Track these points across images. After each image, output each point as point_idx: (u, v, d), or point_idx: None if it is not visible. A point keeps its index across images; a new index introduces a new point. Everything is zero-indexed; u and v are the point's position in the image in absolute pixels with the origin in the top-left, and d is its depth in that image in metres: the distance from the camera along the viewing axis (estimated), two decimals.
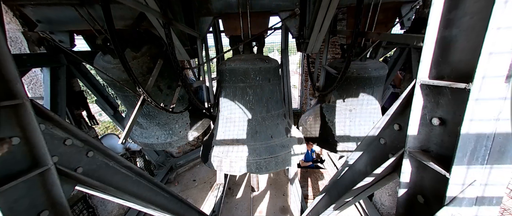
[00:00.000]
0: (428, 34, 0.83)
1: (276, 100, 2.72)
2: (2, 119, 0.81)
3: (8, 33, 2.79)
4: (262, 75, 2.54)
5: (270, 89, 2.63)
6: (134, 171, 1.49)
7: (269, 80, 2.62)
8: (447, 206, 0.84)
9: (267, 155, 2.43)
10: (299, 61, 7.53)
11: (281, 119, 2.73)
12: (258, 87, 2.53)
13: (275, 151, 2.49)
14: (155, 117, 2.95)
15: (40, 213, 0.94)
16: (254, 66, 2.46)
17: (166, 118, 3.00)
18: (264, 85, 2.58)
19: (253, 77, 2.49)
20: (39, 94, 3.23)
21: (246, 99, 2.54)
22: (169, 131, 3.07)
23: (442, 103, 0.84)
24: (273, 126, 2.61)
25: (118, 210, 3.94)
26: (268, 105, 2.61)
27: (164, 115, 2.94)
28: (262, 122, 2.56)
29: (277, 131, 2.61)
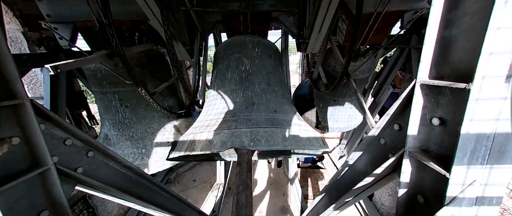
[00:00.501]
0: (428, 34, 0.83)
1: (280, 80, 2.27)
2: (2, 119, 0.81)
3: (8, 33, 2.79)
4: (262, 48, 2.21)
5: (271, 65, 2.24)
6: (134, 171, 1.49)
7: (269, 55, 2.28)
8: (447, 206, 0.84)
9: (269, 125, 1.67)
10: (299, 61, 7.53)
11: (285, 97, 2.17)
12: (256, 58, 2.15)
13: (281, 124, 1.74)
14: (130, 128, 2.47)
15: (40, 213, 0.93)
16: (252, 39, 2.22)
17: (143, 130, 2.48)
18: (264, 58, 2.21)
19: (250, 47, 2.17)
20: (39, 94, 3.22)
21: (241, 68, 2.08)
22: (142, 149, 2.48)
23: (442, 103, 0.84)
24: (276, 102, 1.98)
25: (118, 210, 3.94)
26: (270, 80, 2.12)
27: (142, 126, 2.50)
28: (261, 94, 1.96)
29: (283, 109, 1.95)
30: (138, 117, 2.51)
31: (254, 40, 2.22)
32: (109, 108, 2.46)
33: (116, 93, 2.39)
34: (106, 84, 2.34)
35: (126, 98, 2.42)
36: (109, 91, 2.38)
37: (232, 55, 2.18)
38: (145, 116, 2.57)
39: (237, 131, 1.60)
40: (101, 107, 2.55)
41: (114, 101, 2.42)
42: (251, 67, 2.10)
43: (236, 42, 2.21)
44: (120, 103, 2.43)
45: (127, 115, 2.48)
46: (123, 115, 2.47)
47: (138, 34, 2.33)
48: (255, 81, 2.05)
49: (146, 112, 2.56)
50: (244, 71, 2.08)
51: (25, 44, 2.87)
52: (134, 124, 2.52)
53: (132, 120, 2.50)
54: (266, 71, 2.16)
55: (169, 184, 5.50)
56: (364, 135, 5.06)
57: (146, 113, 2.57)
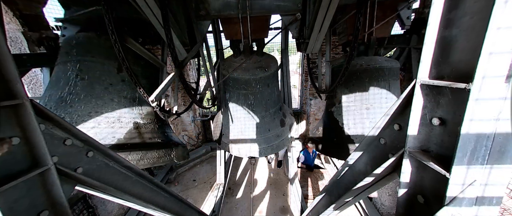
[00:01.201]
0: (428, 34, 0.83)
1: (274, 100, 3.08)
2: (2, 119, 0.81)
3: (8, 33, 2.80)
4: (262, 83, 2.87)
5: (268, 93, 2.98)
6: (134, 171, 1.49)
7: (268, 85, 2.93)
8: (447, 206, 0.84)
9: (266, 145, 3.09)
10: (299, 61, 7.53)
11: (277, 113, 3.18)
12: (258, 93, 2.90)
13: (271, 141, 3.12)
14: (69, 107, 2.07)
15: (40, 213, 0.93)
16: (255, 77, 2.76)
17: (86, 113, 2.06)
18: (264, 90, 2.92)
19: (253, 85, 2.82)
20: (39, 94, 3.23)
21: (249, 103, 2.96)
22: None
23: (442, 103, 0.84)
24: (270, 121, 3.09)
25: (118, 210, 3.94)
26: (267, 105, 3.01)
27: (87, 107, 2.11)
28: (262, 119, 3.04)
29: (273, 125, 3.13)
30: (88, 94, 2.04)
31: (256, 78, 2.78)
32: (58, 81, 2.06)
33: (78, 62, 2.05)
34: (75, 52, 2.08)
35: (88, 69, 2.08)
36: (73, 60, 2.06)
37: (240, 91, 2.92)
38: (100, 97, 2.10)
39: (251, 149, 3.08)
40: (50, 84, 2.18)
41: (70, 72, 2.03)
42: (255, 101, 2.96)
43: (242, 80, 2.80)
44: (76, 74, 2.03)
45: (76, 89, 2.02)
46: (70, 89, 2.00)
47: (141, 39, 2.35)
48: (257, 111, 3.00)
49: (105, 92, 2.12)
50: (250, 105, 2.98)
51: (25, 44, 2.87)
52: (77, 103, 2.01)
53: (79, 97, 2.03)
54: (264, 100, 2.99)
55: (169, 184, 5.50)
56: None
57: (104, 93, 2.12)
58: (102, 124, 2.09)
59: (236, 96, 2.98)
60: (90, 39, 2.22)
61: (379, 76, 2.71)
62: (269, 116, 3.04)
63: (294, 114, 6.75)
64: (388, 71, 2.72)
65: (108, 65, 2.22)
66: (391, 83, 2.75)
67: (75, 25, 2.44)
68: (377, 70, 2.71)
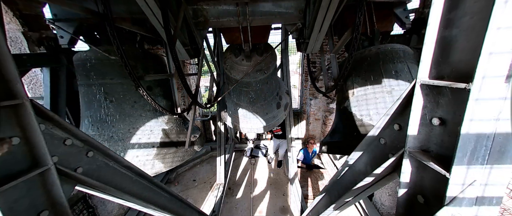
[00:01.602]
0: (428, 34, 0.83)
1: (271, 91, 3.42)
2: (2, 119, 0.81)
3: (8, 33, 2.80)
4: (262, 82, 3.04)
5: (267, 88, 3.28)
6: (134, 171, 1.49)
7: (266, 83, 3.15)
8: (447, 206, 0.84)
9: (265, 124, 3.62)
10: (299, 61, 7.53)
11: (274, 100, 3.58)
12: (258, 90, 3.16)
13: (269, 121, 3.65)
14: (111, 127, 2.32)
15: (40, 213, 0.93)
16: (255, 79, 2.93)
17: (126, 130, 2.36)
18: (263, 87, 3.17)
19: (254, 85, 3.03)
20: (39, 94, 3.23)
21: (249, 97, 3.27)
22: (121, 153, 2.39)
23: (442, 103, 0.84)
24: (268, 107, 3.53)
25: (118, 210, 3.94)
26: (266, 96, 3.37)
27: (125, 126, 2.38)
28: (261, 107, 3.44)
29: (270, 109, 3.59)
30: (122, 115, 2.29)
31: (256, 81, 2.90)
32: (92, 103, 2.26)
33: (102, 86, 2.21)
34: (94, 75, 2.19)
35: (112, 91, 2.24)
36: (95, 83, 2.20)
37: (242, 88, 3.14)
38: (131, 115, 2.34)
39: (252, 128, 3.68)
40: (84, 103, 2.35)
41: (99, 95, 2.21)
42: (255, 95, 3.20)
43: (243, 82, 2.94)
44: (105, 97, 2.21)
45: (110, 111, 2.25)
46: (106, 112, 2.24)
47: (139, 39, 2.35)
48: (257, 102, 3.32)
49: (133, 110, 2.34)
50: (250, 98, 3.28)
51: (25, 44, 2.87)
52: (117, 123, 2.27)
53: (115, 117, 2.27)
54: (263, 94, 3.28)
55: (169, 184, 5.50)
56: None
57: (132, 111, 2.34)
58: (142, 138, 2.41)
59: (238, 92, 3.34)
60: (102, 61, 2.25)
61: (394, 57, 2.42)
62: (267, 103, 3.50)
63: (294, 114, 6.76)
64: (403, 53, 2.46)
65: (127, 84, 2.30)
66: (410, 66, 2.42)
67: (70, 24, 2.41)
68: (390, 52, 2.42)
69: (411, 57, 2.58)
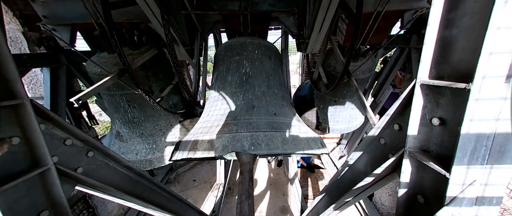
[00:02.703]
0: (428, 34, 0.83)
1: (280, 82, 2.30)
2: (2, 119, 0.81)
3: (8, 33, 2.80)
4: (262, 50, 2.24)
5: (271, 67, 2.25)
6: (134, 171, 1.49)
7: (270, 57, 2.30)
8: (447, 206, 0.84)
9: (269, 129, 1.71)
10: (299, 61, 7.53)
11: (285, 100, 2.21)
12: (256, 60, 2.18)
13: (280, 127, 1.77)
14: (140, 126, 2.68)
15: (40, 213, 0.93)
16: (252, 40, 2.23)
17: (152, 127, 2.72)
18: (264, 60, 2.23)
19: (251, 50, 2.19)
20: (39, 94, 3.23)
21: (242, 71, 2.11)
22: (153, 145, 2.71)
23: (442, 103, 0.84)
24: (276, 104, 2.03)
25: (118, 210, 3.94)
26: (270, 82, 2.14)
27: (150, 124, 2.71)
28: (262, 97, 2.00)
29: (282, 112, 1.98)
30: (146, 116, 2.64)
31: (254, 42, 2.24)
32: (118, 108, 2.58)
33: (123, 95, 2.50)
34: (113, 87, 2.40)
35: (133, 99, 2.54)
36: (117, 94, 2.47)
37: (233, 58, 2.20)
38: (152, 115, 2.69)
39: (238, 135, 1.64)
40: (110, 108, 2.66)
41: (122, 103, 2.53)
42: (251, 70, 2.13)
43: (236, 44, 2.23)
44: (128, 104, 2.55)
45: (136, 114, 2.62)
46: (132, 115, 2.61)
47: (137, 34, 2.33)
48: (255, 83, 2.07)
49: (153, 111, 2.69)
50: (244, 74, 2.10)
51: (25, 44, 2.87)
52: (143, 123, 2.67)
53: (141, 119, 2.64)
54: (266, 73, 2.18)
55: (169, 184, 5.50)
56: (364, 135, 5.06)
57: (153, 112, 2.69)
58: (167, 132, 2.79)
59: (225, 66, 2.24)
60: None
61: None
62: (272, 95, 2.09)
63: None
64: (360, 81, 3.13)
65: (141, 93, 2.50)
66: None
67: (65, 26, 2.42)
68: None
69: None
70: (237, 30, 2.64)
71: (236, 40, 2.36)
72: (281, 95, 2.18)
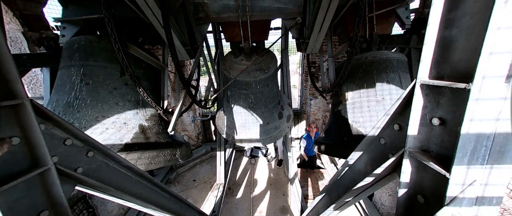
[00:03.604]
0: (428, 34, 0.83)
1: (273, 97, 3.28)
2: (2, 119, 0.81)
3: (8, 33, 2.80)
4: (262, 83, 2.95)
5: (268, 91, 3.11)
6: (134, 171, 1.49)
7: (267, 85, 3.04)
8: (447, 206, 0.84)
9: (265, 136, 3.34)
10: (299, 61, 7.53)
11: (275, 108, 3.40)
12: (258, 92, 3.04)
13: (270, 133, 3.37)
14: (76, 112, 2.10)
15: (40, 213, 0.93)
16: (255, 79, 2.85)
17: (93, 117, 2.10)
18: (263, 90, 3.04)
19: (254, 86, 2.94)
20: (39, 94, 3.23)
21: (249, 101, 3.14)
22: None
23: (442, 103, 0.84)
24: (269, 115, 3.32)
25: (118, 210, 3.94)
26: (266, 102, 3.22)
27: (94, 112, 2.13)
28: (261, 115, 3.27)
29: (272, 118, 3.37)
30: (94, 100, 2.10)
31: (256, 80, 2.89)
32: (64, 85, 2.11)
33: (82, 67, 2.10)
34: (78, 56, 2.10)
35: (92, 73, 2.12)
36: (76, 65, 2.09)
37: (241, 91, 3.06)
38: (105, 101, 2.14)
39: (252, 140, 3.34)
40: (56, 88, 2.19)
41: (75, 76, 2.07)
42: (255, 99, 3.12)
43: (243, 82, 2.92)
44: (81, 79, 2.08)
45: (82, 95, 2.06)
46: (76, 95, 2.05)
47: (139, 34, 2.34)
48: (257, 108, 3.19)
49: (109, 96, 2.16)
50: (250, 103, 3.15)
51: (25, 44, 2.87)
52: (84, 108, 2.06)
53: (85, 102, 2.07)
54: (264, 98, 3.15)
55: (169, 184, 5.50)
56: None
57: (109, 98, 2.16)
58: (110, 128, 2.12)
59: (237, 95, 3.19)
60: (91, 43, 2.20)
61: (387, 67, 2.57)
62: (268, 111, 3.29)
63: (294, 114, 6.76)
64: (397, 62, 2.58)
65: (111, 69, 2.21)
66: (401, 75, 2.56)
67: (74, 25, 2.43)
68: (385, 61, 2.57)
69: (405, 65, 2.69)
70: (236, 36, 2.65)
71: (242, 78, 2.87)
72: (273, 106, 3.33)
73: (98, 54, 2.19)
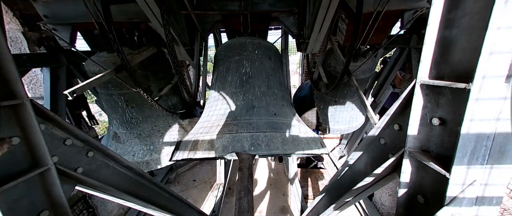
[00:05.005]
0: (428, 34, 0.83)
1: (280, 82, 2.33)
2: (2, 119, 0.81)
3: (8, 33, 2.80)
4: (262, 50, 2.25)
5: (271, 67, 2.27)
6: (134, 171, 1.49)
7: (270, 57, 2.32)
8: (447, 206, 0.84)
9: (269, 129, 1.73)
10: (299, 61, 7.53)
11: (285, 100, 2.24)
12: (257, 60, 2.19)
13: (280, 128, 1.80)
14: (137, 126, 2.62)
15: (40, 213, 0.93)
16: (252, 40, 2.25)
17: (150, 128, 2.66)
18: (264, 60, 2.25)
19: (251, 49, 2.21)
20: (39, 94, 3.23)
21: (242, 71, 2.12)
22: (150, 146, 2.64)
23: (442, 103, 0.84)
24: (276, 104, 2.05)
25: (118, 210, 3.94)
26: (270, 82, 2.16)
27: (148, 124, 2.65)
28: (262, 97, 2.01)
29: (282, 112, 2.02)
30: (144, 116, 2.60)
31: (254, 42, 2.26)
32: (116, 108, 2.55)
33: (121, 95, 2.47)
34: (111, 87, 2.40)
35: (131, 99, 2.50)
36: (115, 93, 2.44)
37: (233, 58, 2.20)
38: (151, 116, 2.64)
39: (238, 136, 1.65)
40: (108, 108, 2.62)
41: (120, 103, 2.50)
42: (252, 70, 2.14)
43: (236, 44, 2.24)
44: (126, 104, 2.52)
45: (134, 115, 2.57)
46: (130, 115, 2.56)
47: (137, 34, 2.32)
48: (255, 84, 2.08)
49: (151, 111, 2.63)
50: (244, 74, 2.11)
51: (25, 44, 2.87)
52: (141, 123, 2.62)
53: (139, 119, 2.59)
54: (266, 73, 2.19)
55: (169, 184, 5.50)
56: (364, 135, 5.06)
57: (152, 113, 2.64)
58: (165, 132, 2.71)
59: (225, 66, 2.25)
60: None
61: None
62: (272, 95, 2.12)
63: None
64: (360, 81, 3.09)
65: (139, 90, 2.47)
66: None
67: (66, 26, 2.41)
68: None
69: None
70: (237, 30, 2.64)
71: (236, 40, 2.36)
72: (281, 95, 2.19)
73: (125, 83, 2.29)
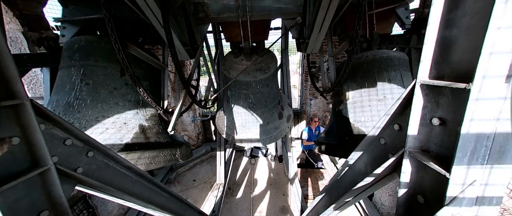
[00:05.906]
0: (428, 34, 0.83)
1: (273, 97, 3.30)
2: (2, 119, 0.81)
3: (8, 33, 2.80)
4: (262, 83, 2.97)
5: (268, 91, 3.12)
6: (134, 171, 1.49)
7: (267, 85, 3.06)
8: (447, 206, 0.84)
9: (265, 136, 3.37)
10: (299, 61, 7.54)
11: (275, 108, 3.42)
12: (258, 93, 3.06)
13: (270, 133, 3.39)
14: (76, 112, 2.10)
15: (40, 213, 0.93)
16: (255, 79, 2.87)
17: (92, 118, 2.11)
18: (263, 90, 3.06)
19: (254, 86, 2.96)
20: (39, 94, 3.23)
21: (249, 101, 3.16)
22: None
23: (442, 103, 0.84)
24: (269, 115, 3.34)
25: (118, 210, 3.94)
26: (266, 102, 3.23)
27: (94, 112, 2.12)
28: (261, 115, 3.28)
29: (272, 118, 3.39)
30: (94, 100, 2.09)
31: (256, 80, 2.91)
32: (64, 85, 2.11)
33: (82, 67, 2.10)
34: (78, 56, 2.11)
35: (92, 74, 2.12)
36: (76, 65, 2.10)
37: (241, 91, 3.08)
38: (105, 101, 2.14)
39: (252, 140, 3.35)
40: (56, 88, 2.19)
41: (75, 76, 2.08)
42: (255, 100, 3.14)
43: (243, 82, 2.94)
44: (81, 79, 2.08)
45: (82, 95, 2.06)
46: (76, 95, 2.04)
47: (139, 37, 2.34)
48: (257, 108, 3.20)
49: (109, 96, 2.16)
50: (250, 103, 3.17)
51: (25, 44, 2.87)
52: (84, 108, 2.05)
53: (85, 102, 2.06)
54: (264, 98, 3.16)
55: (169, 184, 5.50)
56: None
57: (109, 98, 2.15)
58: (110, 128, 2.13)
59: (237, 95, 3.20)
60: (91, 43, 2.21)
61: (389, 65, 2.54)
62: (268, 111, 3.31)
63: (294, 114, 6.76)
64: (398, 60, 2.56)
65: (111, 69, 2.23)
66: (403, 74, 2.55)
67: (74, 25, 2.44)
68: (386, 60, 2.54)
69: (406, 64, 2.68)
70: (236, 36, 2.64)
71: (242, 78, 2.88)
72: (272, 105, 3.32)
73: (98, 54, 2.20)
